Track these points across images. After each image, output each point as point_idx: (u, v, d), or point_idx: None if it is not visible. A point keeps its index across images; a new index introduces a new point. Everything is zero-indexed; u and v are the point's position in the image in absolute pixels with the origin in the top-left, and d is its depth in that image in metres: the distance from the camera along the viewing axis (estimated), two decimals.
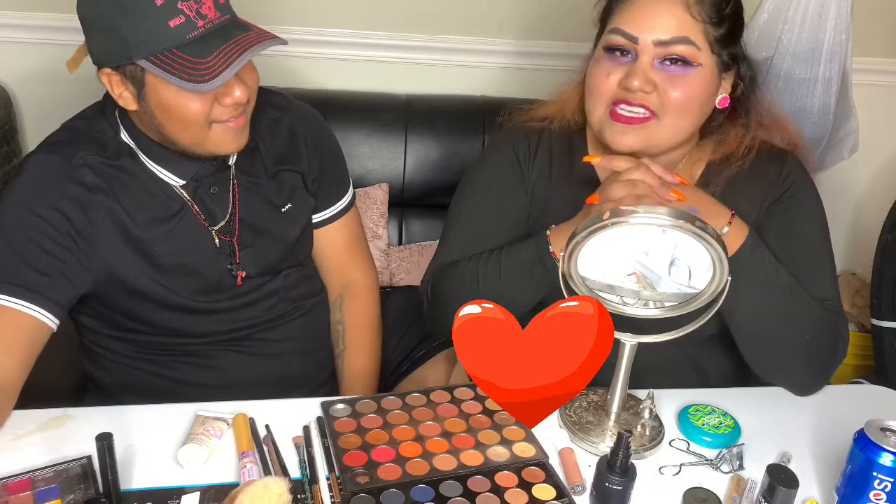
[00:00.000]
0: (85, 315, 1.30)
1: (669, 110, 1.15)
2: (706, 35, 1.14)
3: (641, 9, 1.14)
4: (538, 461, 1.06)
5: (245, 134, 1.21)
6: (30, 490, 0.96)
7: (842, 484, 0.97)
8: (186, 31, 1.06)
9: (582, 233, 0.99)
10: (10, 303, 1.12)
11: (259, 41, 1.09)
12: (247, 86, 1.14)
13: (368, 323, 1.48)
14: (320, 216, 1.43)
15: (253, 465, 1.01)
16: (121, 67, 1.10)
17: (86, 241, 1.18)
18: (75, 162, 1.17)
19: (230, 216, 1.28)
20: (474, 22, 2.19)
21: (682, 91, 1.14)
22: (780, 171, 1.25)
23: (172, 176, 1.23)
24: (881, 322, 1.97)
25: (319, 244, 1.45)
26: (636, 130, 1.16)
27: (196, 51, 1.07)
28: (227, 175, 1.28)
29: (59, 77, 2.06)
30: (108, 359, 1.33)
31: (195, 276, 1.26)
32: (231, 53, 1.07)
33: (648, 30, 1.13)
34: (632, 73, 1.14)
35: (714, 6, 1.14)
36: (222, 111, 1.14)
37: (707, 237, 0.96)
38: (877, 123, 2.35)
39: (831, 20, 2.02)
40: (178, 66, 1.06)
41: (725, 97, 1.21)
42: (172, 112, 1.12)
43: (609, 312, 0.99)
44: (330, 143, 1.44)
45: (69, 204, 1.16)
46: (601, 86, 1.17)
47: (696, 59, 1.14)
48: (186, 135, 1.16)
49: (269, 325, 1.35)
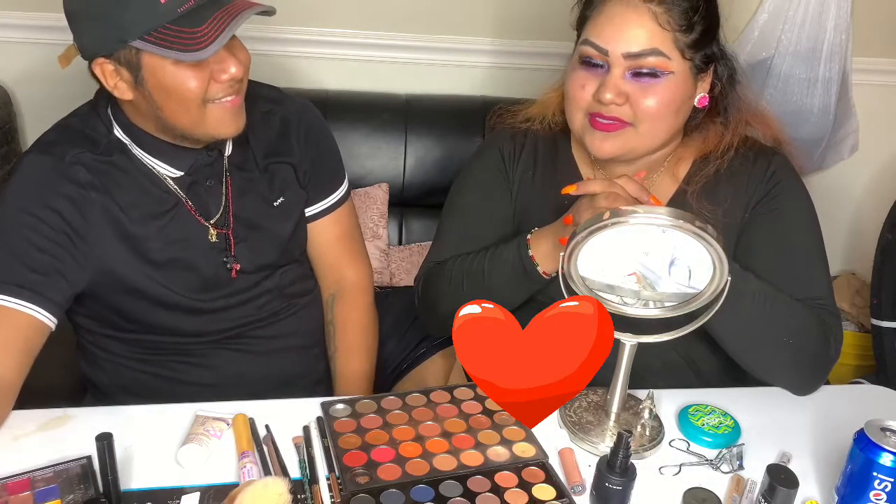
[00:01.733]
0: (81, 315, 1.30)
1: (644, 119, 1.16)
2: (676, 43, 1.14)
3: (611, 21, 1.14)
4: (538, 461, 1.06)
5: (242, 116, 1.21)
6: (30, 490, 0.96)
7: (842, 484, 0.97)
8: (177, 6, 1.08)
9: (582, 233, 0.99)
10: (7, 302, 1.12)
11: (248, 7, 1.11)
12: (240, 62, 1.15)
13: (360, 324, 1.46)
14: (313, 209, 1.42)
15: (253, 465, 1.01)
16: (115, 55, 1.11)
17: (81, 238, 1.18)
18: (68, 160, 1.18)
19: (223, 210, 1.28)
20: (474, 22, 2.19)
21: (654, 100, 1.15)
22: (766, 170, 1.25)
23: (169, 168, 1.23)
24: (881, 322, 1.98)
25: (313, 238, 1.44)
26: (615, 137, 1.17)
27: (189, 22, 1.08)
28: (220, 168, 1.29)
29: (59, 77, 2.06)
30: (105, 359, 1.33)
31: (190, 272, 1.26)
32: (223, 20, 1.09)
33: (618, 42, 1.13)
34: (604, 85, 1.15)
35: (683, 13, 1.13)
36: (218, 87, 1.15)
37: (707, 237, 0.96)
38: (877, 123, 2.35)
39: (831, 20, 2.02)
40: (174, 39, 1.07)
41: (704, 96, 1.22)
42: (171, 92, 1.13)
43: (609, 312, 0.99)
44: (324, 135, 1.44)
45: (63, 202, 1.17)
46: (577, 96, 1.19)
47: (667, 68, 1.14)
48: (185, 116, 1.16)
49: (263, 322, 1.36)
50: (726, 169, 1.23)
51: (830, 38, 2.03)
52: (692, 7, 1.14)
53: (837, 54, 2.05)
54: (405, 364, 1.57)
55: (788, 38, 2.04)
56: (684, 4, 1.13)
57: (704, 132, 1.26)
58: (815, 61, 2.06)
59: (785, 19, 2.03)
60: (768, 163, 1.25)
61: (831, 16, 2.01)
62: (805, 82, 2.08)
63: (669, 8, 1.12)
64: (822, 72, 2.07)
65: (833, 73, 2.07)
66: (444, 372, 1.53)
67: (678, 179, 1.26)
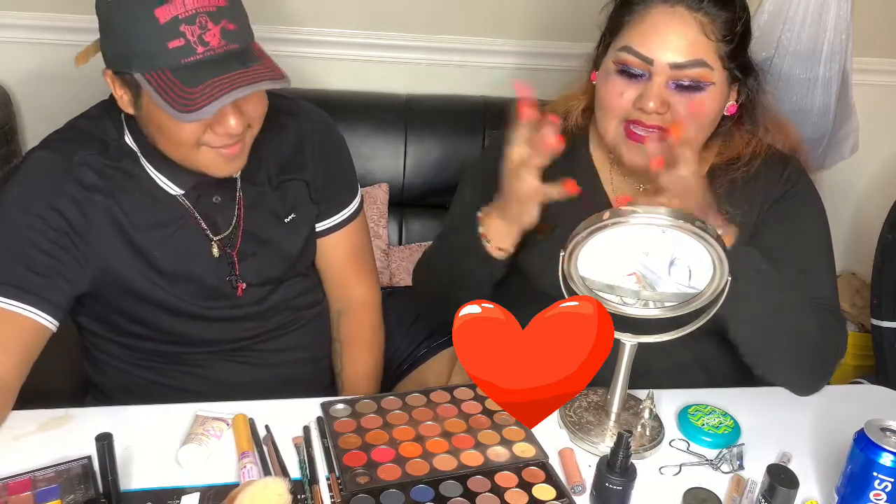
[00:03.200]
0: (84, 316, 1.29)
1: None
2: (718, 52, 1.13)
3: (655, 28, 1.12)
4: (538, 461, 1.06)
5: (241, 160, 1.18)
6: (30, 490, 0.96)
7: (842, 484, 0.97)
8: (182, 56, 1.02)
9: (582, 233, 0.99)
10: (7, 305, 1.11)
11: (255, 80, 1.05)
12: (244, 115, 1.11)
13: (366, 343, 1.45)
14: (324, 224, 1.40)
15: (253, 466, 1.01)
16: (120, 73, 1.10)
17: (83, 239, 1.17)
18: (76, 160, 1.17)
19: (234, 227, 1.27)
20: (474, 22, 2.19)
21: (696, 110, 1.13)
22: (782, 173, 1.25)
23: (172, 185, 1.22)
24: (881, 322, 1.97)
25: (322, 253, 1.42)
26: (646, 149, 1.14)
27: (186, 78, 1.03)
28: (231, 184, 1.27)
29: (59, 77, 2.07)
30: (108, 363, 1.32)
31: (194, 282, 1.25)
32: (218, 89, 1.02)
33: (663, 51, 1.11)
34: (646, 94, 1.12)
35: (727, 24, 1.13)
36: (214, 138, 1.12)
37: (707, 237, 0.96)
38: (877, 123, 2.35)
39: (831, 20, 2.02)
40: (168, 89, 1.03)
41: (734, 104, 1.21)
42: (163, 129, 1.11)
43: (609, 312, 0.99)
44: (338, 148, 1.42)
45: (67, 203, 1.15)
46: (614, 104, 1.16)
47: (710, 79, 1.13)
48: (176, 152, 1.15)
49: (269, 335, 1.34)
50: (742, 172, 1.24)
51: (830, 38, 2.03)
52: (735, 17, 1.13)
53: (837, 54, 2.05)
54: (406, 365, 1.57)
55: (788, 38, 2.04)
56: (727, 14, 1.12)
57: (727, 138, 1.25)
58: (815, 61, 2.06)
59: (785, 19, 2.03)
60: (784, 167, 1.26)
61: (831, 16, 2.01)
62: (805, 82, 2.08)
63: (714, 18, 1.12)
64: (822, 72, 2.07)
65: (833, 73, 2.07)
66: (445, 373, 1.52)
67: None
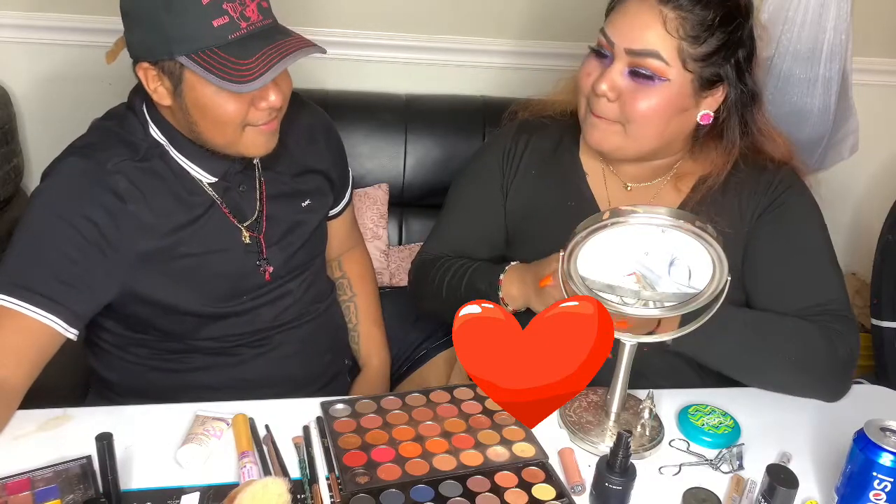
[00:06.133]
0: (102, 316, 1.28)
1: (631, 119, 1.16)
2: (680, 52, 1.13)
3: (624, 16, 1.16)
4: (538, 461, 1.06)
5: (275, 138, 1.21)
6: (29, 490, 0.96)
7: (842, 484, 0.97)
8: (229, 32, 1.06)
9: (582, 233, 0.99)
10: (31, 312, 1.10)
11: (300, 47, 1.10)
12: (282, 91, 1.15)
13: (368, 272, 1.61)
14: (333, 211, 1.48)
15: (253, 465, 1.01)
16: (159, 63, 1.10)
17: (113, 249, 1.16)
18: (109, 168, 1.16)
19: (258, 213, 1.29)
20: (474, 22, 2.19)
21: (644, 103, 1.15)
22: (772, 180, 1.25)
23: (203, 172, 1.23)
24: (881, 322, 1.97)
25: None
26: (604, 129, 1.19)
27: (237, 52, 1.07)
28: (252, 174, 1.29)
29: (59, 77, 2.07)
30: (118, 357, 1.32)
31: (221, 278, 1.26)
32: (272, 56, 1.07)
33: (624, 37, 1.15)
34: (602, 76, 1.16)
35: (696, 25, 1.12)
36: (257, 115, 1.15)
37: (707, 237, 0.96)
38: (877, 123, 2.35)
39: (831, 20, 2.02)
40: (220, 65, 1.06)
41: (708, 114, 1.20)
42: (208, 112, 1.12)
43: (609, 312, 0.99)
44: (339, 140, 1.48)
45: (101, 212, 1.15)
46: (582, 83, 1.21)
47: (664, 74, 1.14)
48: (219, 135, 1.16)
49: (283, 327, 1.35)
50: (733, 180, 1.24)
51: (830, 38, 2.03)
52: (708, 21, 1.13)
53: (837, 54, 2.05)
54: (406, 366, 1.57)
55: (788, 38, 2.04)
56: (700, 16, 1.12)
57: (707, 151, 1.25)
58: (815, 61, 2.06)
59: (785, 19, 2.03)
60: (774, 173, 1.25)
61: (831, 16, 2.01)
62: (805, 82, 2.08)
63: (683, 16, 1.12)
64: (822, 72, 2.07)
65: (833, 73, 2.07)
66: (444, 373, 1.53)
67: (683, 192, 1.27)
